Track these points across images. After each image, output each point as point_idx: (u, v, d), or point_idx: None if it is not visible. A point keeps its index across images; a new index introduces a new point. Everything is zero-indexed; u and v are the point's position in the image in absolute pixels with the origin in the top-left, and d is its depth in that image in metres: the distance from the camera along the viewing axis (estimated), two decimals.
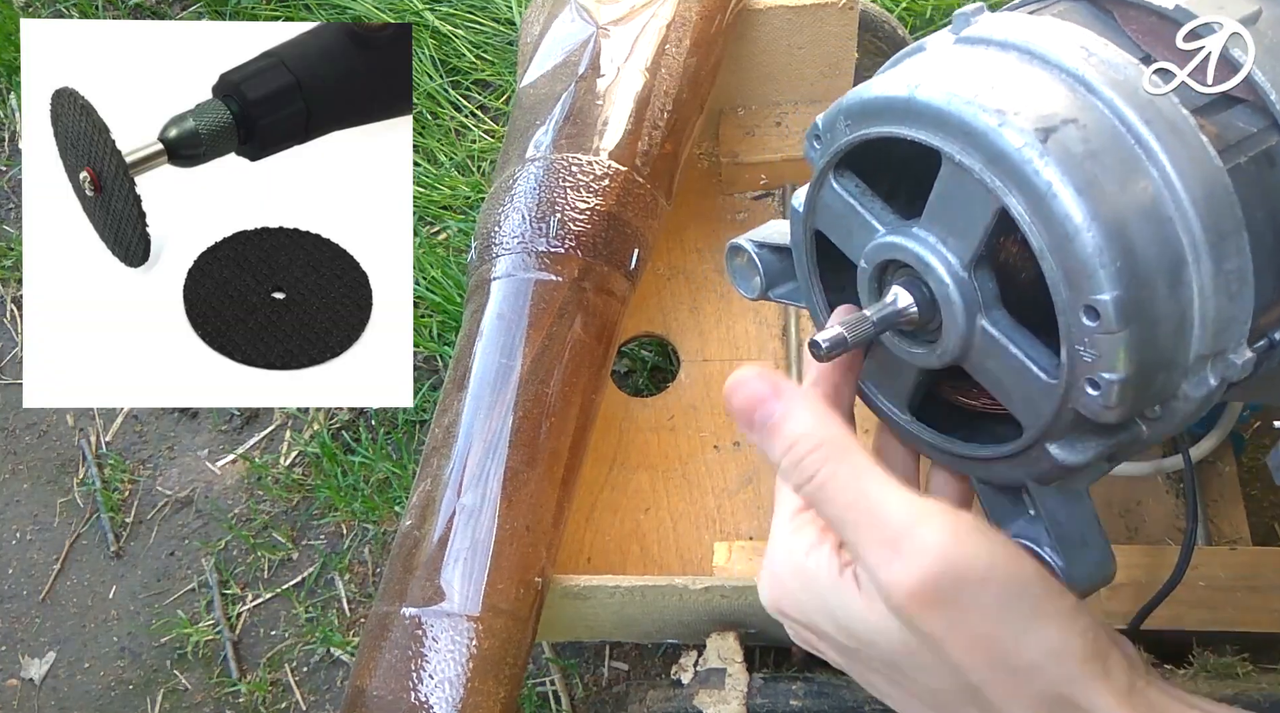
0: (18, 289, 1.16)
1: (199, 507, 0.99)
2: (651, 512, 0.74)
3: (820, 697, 0.55)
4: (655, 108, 0.64)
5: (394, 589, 0.53)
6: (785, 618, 0.39)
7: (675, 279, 0.83)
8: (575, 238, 0.59)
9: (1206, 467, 0.69)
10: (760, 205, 0.85)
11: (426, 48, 1.11)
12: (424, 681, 0.48)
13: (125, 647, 0.94)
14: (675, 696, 0.56)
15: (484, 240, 0.62)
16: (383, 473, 0.94)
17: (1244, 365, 0.32)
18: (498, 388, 0.57)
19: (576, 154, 0.61)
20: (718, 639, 0.58)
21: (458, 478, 0.55)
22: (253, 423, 1.02)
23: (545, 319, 0.58)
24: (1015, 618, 0.33)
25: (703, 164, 0.86)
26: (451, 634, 0.50)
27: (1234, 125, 0.33)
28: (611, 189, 0.61)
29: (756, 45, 0.77)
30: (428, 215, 1.04)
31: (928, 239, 0.34)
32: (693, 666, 0.58)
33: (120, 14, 1.29)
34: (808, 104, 0.82)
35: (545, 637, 0.80)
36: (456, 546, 0.52)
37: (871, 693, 0.38)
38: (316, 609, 0.91)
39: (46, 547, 1.01)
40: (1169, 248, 0.31)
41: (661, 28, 0.65)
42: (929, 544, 0.32)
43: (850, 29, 0.75)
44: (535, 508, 0.55)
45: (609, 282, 0.61)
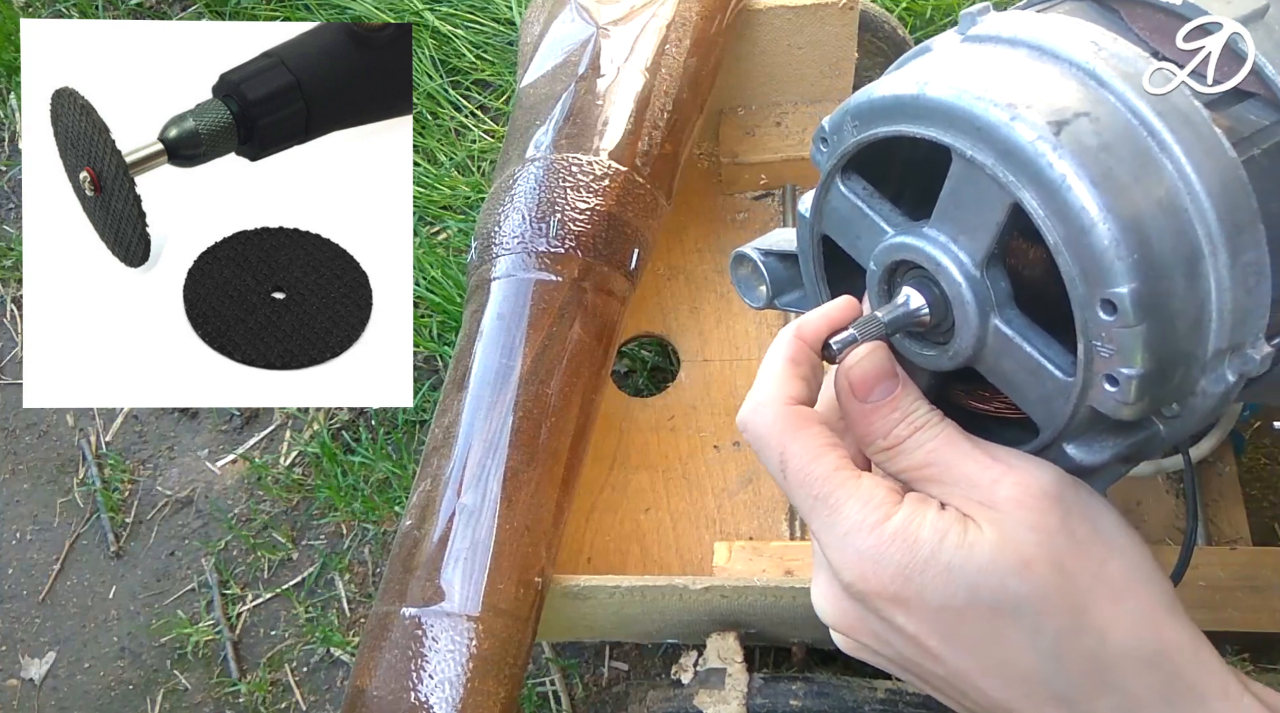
0: (18, 289, 1.16)
1: (199, 507, 0.99)
2: (651, 512, 0.74)
3: (820, 697, 0.55)
4: (655, 108, 0.63)
5: (394, 589, 0.53)
6: (876, 600, 0.35)
7: (675, 279, 0.83)
8: (575, 238, 0.59)
9: (1206, 467, 0.69)
10: (760, 205, 0.85)
11: (426, 48, 1.11)
12: (424, 681, 0.48)
13: (125, 647, 0.94)
14: (675, 696, 0.56)
15: (484, 240, 0.62)
16: (383, 473, 0.94)
17: (1262, 360, 0.32)
18: (498, 388, 0.57)
19: (577, 154, 0.61)
20: (718, 639, 0.58)
21: (458, 478, 0.55)
22: (253, 423, 1.02)
23: (545, 319, 0.58)
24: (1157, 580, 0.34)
25: (703, 164, 0.86)
26: (451, 634, 0.50)
27: (1246, 119, 0.33)
28: (612, 189, 0.61)
29: (757, 45, 0.77)
30: (428, 215, 1.04)
31: (938, 239, 0.33)
32: (693, 666, 0.58)
33: (120, 14, 1.29)
34: (808, 104, 0.82)
35: (545, 637, 0.80)
36: (456, 546, 0.52)
37: (957, 679, 0.35)
38: (316, 609, 0.91)
39: (46, 547, 1.01)
40: (1185, 240, 0.30)
41: (662, 28, 0.65)
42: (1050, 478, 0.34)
43: (851, 29, 0.75)
44: (535, 508, 0.55)
45: (609, 282, 0.61)
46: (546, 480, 0.56)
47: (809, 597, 0.57)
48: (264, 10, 1.21)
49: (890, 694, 0.56)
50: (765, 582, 0.57)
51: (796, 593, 0.56)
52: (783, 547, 0.66)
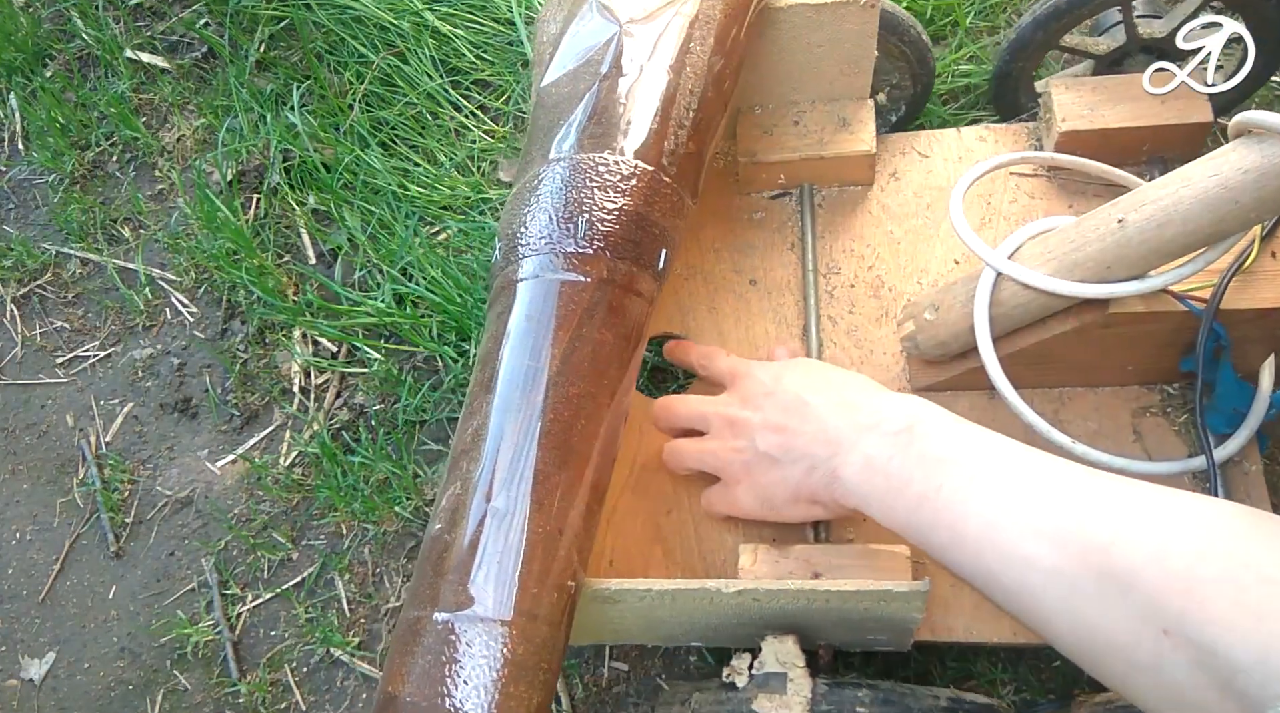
0: (18, 289, 1.15)
1: (199, 507, 0.99)
2: (673, 514, 0.74)
3: (886, 704, 0.54)
4: (680, 106, 0.63)
5: (425, 594, 0.52)
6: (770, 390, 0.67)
7: (693, 279, 0.82)
8: (604, 238, 0.59)
9: (1232, 466, 0.68)
10: (778, 204, 0.84)
11: (426, 48, 1.10)
12: (459, 686, 0.48)
13: (125, 647, 0.94)
14: (729, 698, 0.55)
15: (509, 241, 0.61)
16: (383, 473, 0.94)
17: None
18: (526, 390, 0.56)
19: (602, 153, 0.61)
20: (774, 643, 0.57)
21: (487, 481, 0.54)
22: (253, 423, 1.02)
23: (573, 320, 0.57)
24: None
25: (719, 163, 0.86)
26: (485, 639, 0.49)
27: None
28: (638, 188, 0.60)
29: (775, 43, 0.77)
30: (428, 215, 1.04)
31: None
32: (747, 668, 0.57)
33: (120, 13, 1.29)
34: (826, 103, 0.81)
35: (571, 640, 0.79)
36: (488, 550, 0.51)
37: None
38: (316, 610, 0.91)
39: (46, 547, 1.00)
40: None
41: (685, 25, 0.65)
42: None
43: (871, 27, 0.74)
44: (566, 511, 0.54)
45: (637, 282, 0.60)
46: (577, 483, 0.55)
47: (841, 600, 0.57)
48: (264, 10, 1.20)
49: (952, 702, 0.56)
50: (799, 585, 0.56)
51: (829, 596, 0.56)
52: (807, 550, 0.65)
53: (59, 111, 1.23)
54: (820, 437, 0.60)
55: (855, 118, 0.80)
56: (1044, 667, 0.76)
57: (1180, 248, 0.57)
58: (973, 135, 0.83)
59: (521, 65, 1.09)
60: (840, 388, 0.63)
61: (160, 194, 1.18)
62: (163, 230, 1.15)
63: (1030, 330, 0.66)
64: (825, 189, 0.83)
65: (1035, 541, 0.47)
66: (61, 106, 1.24)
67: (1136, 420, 0.71)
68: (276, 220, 1.10)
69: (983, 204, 0.79)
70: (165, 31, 1.28)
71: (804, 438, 0.61)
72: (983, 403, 0.73)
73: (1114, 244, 0.58)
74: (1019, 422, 0.66)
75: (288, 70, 1.17)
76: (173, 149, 1.19)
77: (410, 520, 0.92)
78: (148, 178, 1.19)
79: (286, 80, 1.16)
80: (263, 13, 1.20)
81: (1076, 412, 0.72)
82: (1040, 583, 0.46)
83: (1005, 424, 0.71)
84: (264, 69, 1.20)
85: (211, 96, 1.20)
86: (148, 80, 1.25)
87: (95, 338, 1.11)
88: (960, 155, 0.82)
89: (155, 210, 1.17)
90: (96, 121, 1.23)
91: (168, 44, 1.27)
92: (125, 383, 1.07)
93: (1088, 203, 0.78)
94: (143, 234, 1.16)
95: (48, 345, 1.12)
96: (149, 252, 1.14)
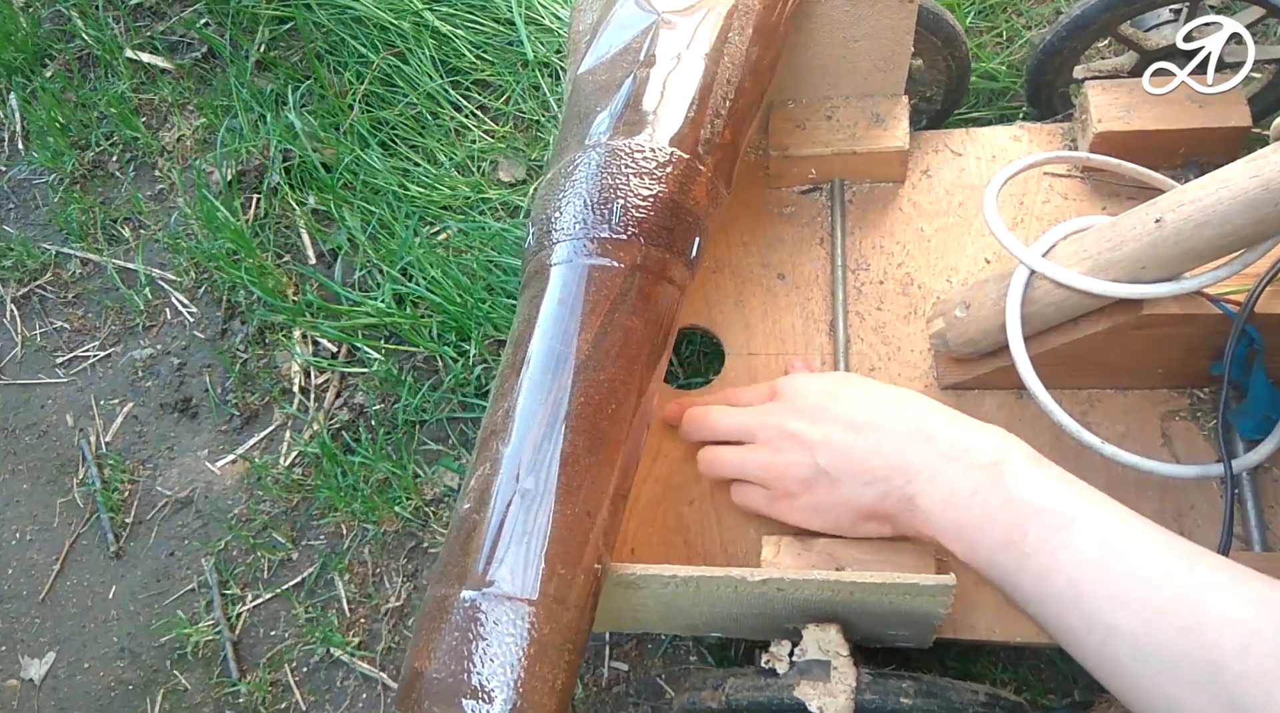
0: (18, 289, 1.16)
1: (199, 507, 0.99)
2: (696, 504, 0.74)
3: (929, 697, 0.54)
4: (717, 96, 0.63)
5: (452, 572, 0.52)
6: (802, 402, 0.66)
7: (721, 272, 0.82)
8: (638, 224, 0.59)
9: (1262, 473, 0.68)
10: (808, 199, 0.84)
11: (426, 48, 1.11)
12: (485, 663, 0.48)
13: (125, 647, 0.94)
14: (769, 685, 0.55)
15: (543, 226, 0.61)
16: (383, 473, 0.94)
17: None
18: (557, 374, 0.56)
19: (638, 140, 0.61)
20: (816, 631, 0.57)
21: (516, 462, 0.54)
22: (253, 423, 1.02)
23: (605, 305, 0.58)
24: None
25: (750, 156, 0.86)
26: (512, 618, 0.49)
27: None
28: (674, 176, 0.60)
29: (811, 37, 0.76)
30: (428, 215, 1.04)
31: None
32: (787, 656, 0.57)
33: (120, 13, 1.29)
34: (860, 98, 0.81)
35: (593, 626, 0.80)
36: (516, 530, 0.52)
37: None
38: (316, 610, 0.91)
39: (46, 547, 1.01)
40: None
41: (723, 15, 0.65)
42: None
43: (909, 23, 0.74)
44: (595, 494, 0.54)
45: (669, 269, 0.60)
46: (606, 466, 0.55)
47: (866, 592, 0.57)
48: (264, 10, 1.20)
49: (990, 698, 0.56)
50: (824, 575, 0.56)
51: (854, 588, 0.56)
52: (830, 543, 0.65)
53: (59, 111, 1.24)
54: (895, 461, 0.59)
55: (889, 114, 0.80)
56: (1044, 667, 0.76)
57: (1217, 250, 0.56)
58: (1006, 134, 0.83)
59: (521, 65, 1.10)
60: (910, 411, 0.61)
61: (160, 194, 1.18)
62: (163, 230, 1.15)
63: (1062, 330, 0.66)
64: (856, 185, 0.83)
65: (1119, 608, 0.47)
66: (61, 106, 1.24)
67: (1165, 424, 0.71)
68: (276, 220, 1.10)
69: (1015, 204, 0.79)
70: (165, 31, 1.28)
71: (876, 460, 0.59)
72: (1010, 402, 0.73)
73: (1150, 244, 0.58)
74: (1047, 421, 0.65)
75: (288, 70, 1.17)
76: (173, 149, 1.20)
77: (410, 520, 0.92)
78: (148, 178, 1.20)
79: (286, 80, 1.16)
80: (263, 13, 1.20)
81: (1105, 414, 0.72)
82: (1122, 651, 0.46)
83: (1033, 424, 0.71)
84: (264, 69, 1.20)
85: (211, 96, 1.21)
86: (148, 80, 1.25)
87: (95, 338, 1.12)
88: (994, 154, 0.82)
89: (155, 210, 1.17)
90: (96, 121, 1.24)
91: (168, 44, 1.27)
92: (125, 383, 1.08)
93: (1121, 205, 0.77)
94: (143, 234, 1.16)
95: (48, 345, 1.12)
96: (149, 252, 1.15)
